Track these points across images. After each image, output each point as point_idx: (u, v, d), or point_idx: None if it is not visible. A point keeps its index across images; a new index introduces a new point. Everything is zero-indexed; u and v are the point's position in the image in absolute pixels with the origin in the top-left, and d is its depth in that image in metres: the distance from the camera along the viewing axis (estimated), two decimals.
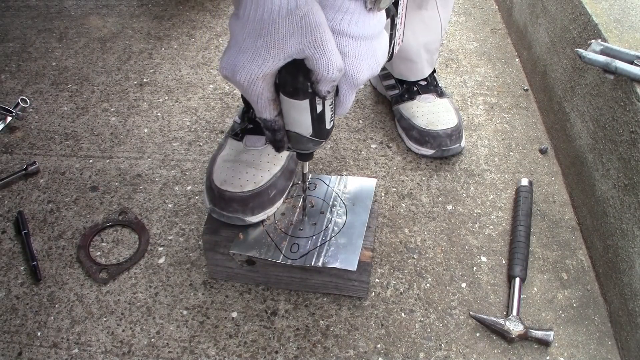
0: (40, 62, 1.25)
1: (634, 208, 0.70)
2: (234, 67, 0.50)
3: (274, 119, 0.54)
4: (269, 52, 0.48)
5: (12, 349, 0.71)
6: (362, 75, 0.53)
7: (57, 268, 0.81)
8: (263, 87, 0.51)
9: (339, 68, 0.49)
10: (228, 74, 0.50)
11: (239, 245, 0.73)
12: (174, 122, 1.07)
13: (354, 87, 0.54)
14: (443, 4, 0.95)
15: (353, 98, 0.56)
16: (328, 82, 0.50)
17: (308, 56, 0.48)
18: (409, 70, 1.00)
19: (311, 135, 0.56)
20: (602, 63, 0.73)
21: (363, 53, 0.52)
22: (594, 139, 0.83)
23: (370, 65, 0.54)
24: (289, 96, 0.52)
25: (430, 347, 0.71)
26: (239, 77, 0.50)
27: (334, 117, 0.57)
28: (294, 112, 0.54)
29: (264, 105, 0.52)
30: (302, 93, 0.51)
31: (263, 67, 0.49)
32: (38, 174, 0.96)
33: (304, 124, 0.55)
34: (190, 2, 1.49)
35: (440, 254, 0.82)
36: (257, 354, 0.70)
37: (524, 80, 1.18)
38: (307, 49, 0.48)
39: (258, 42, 0.48)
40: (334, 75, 0.49)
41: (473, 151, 1.00)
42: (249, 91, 0.51)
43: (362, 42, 0.52)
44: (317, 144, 0.58)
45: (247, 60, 0.49)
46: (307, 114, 0.54)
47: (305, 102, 0.52)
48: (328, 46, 0.48)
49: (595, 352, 0.71)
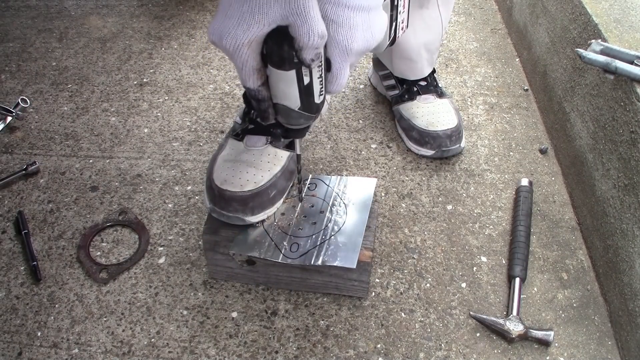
0: (40, 62, 1.25)
1: (634, 208, 0.70)
2: (220, 32, 0.50)
3: (258, 88, 0.54)
4: (253, 17, 0.48)
5: (12, 349, 0.71)
6: (355, 44, 0.53)
7: (57, 268, 0.81)
8: (248, 54, 0.51)
9: (321, 35, 0.50)
10: (215, 39, 0.51)
11: (239, 245, 0.73)
12: (174, 122, 1.07)
13: (347, 56, 0.54)
14: (444, 4, 0.95)
15: (347, 72, 0.56)
16: (310, 49, 0.50)
17: (291, 23, 0.49)
18: (409, 69, 1.00)
19: (299, 108, 0.56)
20: (602, 63, 0.73)
21: (358, 23, 0.52)
22: (594, 139, 0.83)
23: (365, 37, 0.54)
24: (276, 66, 0.52)
25: (430, 347, 0.71)
26: (225, 42, 0.50)
27: (323, 91, 0.57)
28: (281, 84, 0.54)
29: (248, 74, 0.53)
30: (287, 63, 0.51)
31: (248, 33, 0.49)
32: (38, 174, 0.96)
33: (292, 96, 0.55)
34: (190, 2, 1.49)
35: (440, 254, 0.82)
36: (257, 354, 0.70)
37: (524, 80, 1.18)
38: (290, 16, 0.48)
39: (244, 7, 0.49)
40: (315, 41, 0.49)
41: (473, 151, 1.00)
42: (234, 57, 0.51)
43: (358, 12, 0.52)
44: (307, 119, 0.58)
45: (232, 25, 0.49)
46: (294, 85, 0.54)
47: (292, 73, 0.52)
48: (310, 13, 0.48)
49: (595, 352, 0.71)
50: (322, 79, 0.55)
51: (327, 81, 0.56)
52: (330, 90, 0.57)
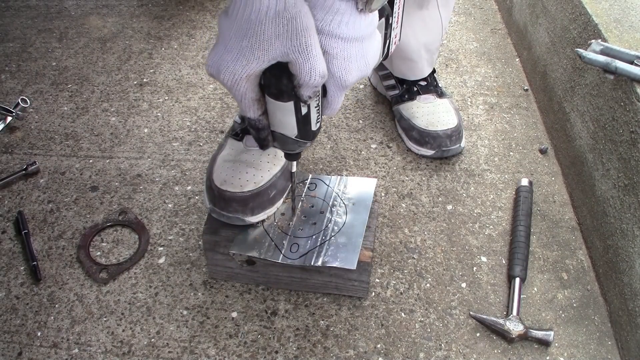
0: (40, 62, 1.25)
1: (634, 208, 0.70)
2: (218, 66, 0.50)
3: (258, 118, 0.54)
4: (253, 53, 0.48)
5: (12, 349, 0.71)
6: (350, 77, 0.53)
7: (57, 268, 0.81)
8: (247, 87, 0.50)
9: (322, 75, 0.49)
10: (213, 72, 0.50)
11: (238, 245, 0.73)
12: (174, 122, 1.07)
13: (342, 88, 0.54)
14: (444, 4, 0.95)
15: (341, 99, 0.56)
16: (310, 87, 0.50)
17: (292, 60, 0.48)
18: (409, 69, 1.00)
19: (296, 136, 0.56)
20: (602, 63, 0.73)
21: (352, 55, 0.52)
22: (594, 139, 0.83)
23: (359, 67, 0.53)
24: (274, 98, 0.52)
25: (430, 347, 0.71)
26: (223, 77, 0.50)
27: (320, 119, 0.57)
28: (279, 114, 0.54)
29: (247, 105, 0.52)
30: (286, 95, 0.51)
31: (246, 68, 0.48)
32: (38, 174, 0.96)
33: (289, 126, 0.55)
34: (190, 2, 1.49)
35: (440, 254, 0.82)
36: (257, 354, 0.70)
37: (524, 80, 1.18)
38: (291, 53, 0.47)
39: (243, 42, 0.48)
40: (316, 81, 0.49)
41: (473, 151, 1.00)
42: (232, 91, 0.51)
43: (352, 43, 0.52)
44: (303, 145, 0.58)
45: (231, 60, 0.49)
46: (292, 115, 0.54)
47: (290, 104, 0.52)
48: (312, 52, 0.48)
49: (595, 352, 0.71)
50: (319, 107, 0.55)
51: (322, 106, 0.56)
52: (323, 114, 0.57)
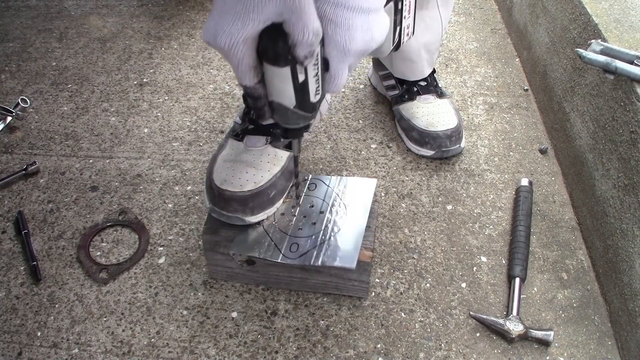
0: (40, 62, 1.25)
1: (634, 208, 0.70)
2: (215, 31, 0.50)
3: (254, 86, 0.54)
4: (248, 14, 0.48)
5: (12, 349, 0.71)
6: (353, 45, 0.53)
7: (57, 268, 0.81)
8: (244, 52, 0.50)
9: (315, 32, 0.49)
10: (209, 38, 0.50)
11: (238, 245, 0.73)
12: (174, 122, 1.07)
13: (345, 57, 0.54)
14: (444, 4, 0.95)
15: (345, 73, 0.55)
16: (305, 45, 0.50)
17: (285, 19, 0.48)
18: (409, 69, 1.00)
19: (295, 106, 0.56)
20: (602, 63, 0.73)
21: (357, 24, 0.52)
22: (594, 139, 0.83)
23: (364, 38, 0.53)
24: (270, 63, 0.52)
25: (430, 347, 0.71)
26: (220, 41, 0.50)
27: (320, 90, 0.56)
28: (276, 81, 0.54)
29: (244, 71, 0.52)
30: (282, 59, 0.51)
31: (243, 31, 0.49)
32: (38, 174, 0.96)
33: (287, 94, 0.55)
34: (190, 2, 1.49)
35: (440, 254, 0.82)
36: (257, 354, 0.70)
37: (524, 80, 1.18)
38: (285, 12, 0.48)
39: (238, 6, 0.48)
40: (309, 38, 0.49)
41: (473, 151, 1.00)
42: (230, 55, 0.51)
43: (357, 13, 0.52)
44: (304, 119, 0.58)
45: (227, 23, 0.49)
46: (289, 82, 0.53)
47: (287, 70, 0.52)
48: (305, 9, 0.48)
49: (595, 352, 0.71)
50: (319, 77, 0.55)
51: (325, 81, 0.56)
52: (327, 90, 0.57)
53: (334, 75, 0.55)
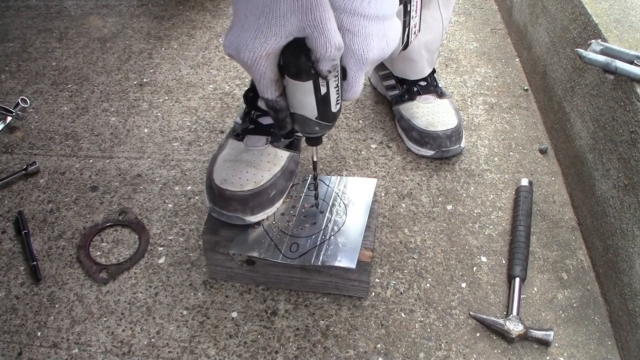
0: (40, 62, 1.25)
1: (634, 208, 0.70)
2: (237, 45, 0.50)
3: (276, 99, 0.54)
4: (270, 29, 0.48)
5: (12, 349, 0.71)
6: (370, 53, 0.53)
7: (57, 268, 0.81)
8: (266, 67, 0.51)
9: (338, 46, 0.49)
10: (232, 52, 0.51)
11: (238, 245, 0.73)
12: (174, 122, 1.07)
13: (362, 65, 0.54)
14: (445, 4, 0.95)
15: (362, 81, 0.56)
16: (327, 60, 0.50)
17: (308, 34, 0.49)
18: (410, 69, 1.00)
19: (317, 117, 0.56)
20: (602, 63, 0.73)
21: (374, 32, 0.52)
22: (594, 139, 0.83)
23: (380, 46, 0.54)
24: (293, 77, 0.52)
25: (430, 347, 0.71)
26: (243, 55, 0.50)
27: (340, 100, 0.57)
28: (298, 94, 0.54)
29: (266, 85, 0.53)
30: (305, 74, 0.52)
31: (265, 45, 0.49)
32: (38, 174, 0.96)
33: (309, 106, 0.55)
34: (190, 2, 1.49)
35: (440, 254, 0.82)
36: (257, 354, 0.70)
37: (524, 80, 1.18)
38: (307, 28, 0.48)
39: (260, 20, 0.48)
40: (332, 53, 0.49)
41: (473, 151, 1.00)
42: (252, 70, 0.51)
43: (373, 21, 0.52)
44: (324, 128, 0.58)
45: (250, 38, 0.49)
46: (311, 95, 0.54)
47: (309, 84, 0.52)
48: (327, 25, 0.48)
49: (595, 352, 0.71)
50: (339, 88, 0.55)
51: (343, 89, 0.56)
52: (345, 98, 0.57)
53: (352, 84, 0.56)
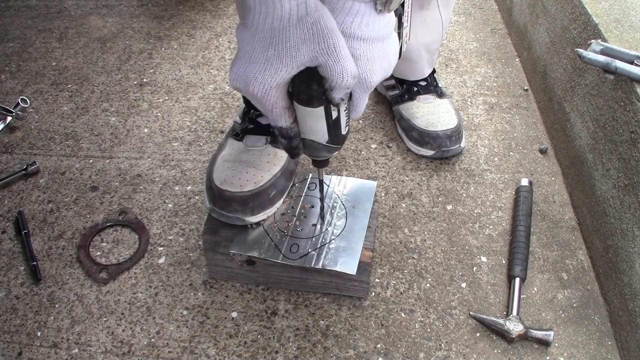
0: (40, 62, 1.25)
1: (634, 208, 0.70)
2: (246, 78, 0.49)
3: (290, 126, 0.53)
4: (281, 61, 0.47)
5: (12, 349, 0.71)
6: (375, 77, 0.53)
7: (57, 268, 0.81)
8: (277, 97, 0.49)
9: (354, 75, 0.48)
10: (240, 85, 0.49)
11: (238, 245, 0.73)
12: (174, 122, 1.07)
13: (367, 90, 0.54)
14: (444, 4, 0.95)
15: (366, 101, 0.56)
16: (342, 89, 0.49)
17: (321, 63, 0.48)
18: (410, 69, 1.00)
19: (327, 142, 0.56)
20: (602, 63, 0.73)
21: (375, 55, 0.52)
22: (594, 139, 0.83)
23: (382, 67, 0.53)
24: (304, 104, 0.51)
25: (430, 347, 0.71)
26: (252, 88, 0.48)
27: (349, 122, 0.57)
28: (309, 120, 0.53)
29: (278, 114, 0.51)
30: (316, 101, 0.51)
31: (276, 77, 0.48)
32: (38, 174, 0.96)
33: (320, 131, 0.54)
34: (190, 2, 1.49)
35: (440, 254, 0.82)
36: (257, 354, 0.70)
37: (524, 80, 1.18)
38: (320, 56, 0.47)
39: (269, 52, 0.47)
40: (348, 82, 0.48)
41: (473, 151, 1.00)
42: (263, 101, 0.50)
43: (374, 44, 0.52)
44: (333, 150, 0.58)
45: (259, 70, 0.48)
46: (322, 121, 0.53)
47: (320, 110, 0.52)
48: (342, 52, 0.47)
49: (595, 352, 0.71)
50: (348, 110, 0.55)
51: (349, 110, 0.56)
52: (350, 118, 0.57)
53: (356, 105, 0.55)
